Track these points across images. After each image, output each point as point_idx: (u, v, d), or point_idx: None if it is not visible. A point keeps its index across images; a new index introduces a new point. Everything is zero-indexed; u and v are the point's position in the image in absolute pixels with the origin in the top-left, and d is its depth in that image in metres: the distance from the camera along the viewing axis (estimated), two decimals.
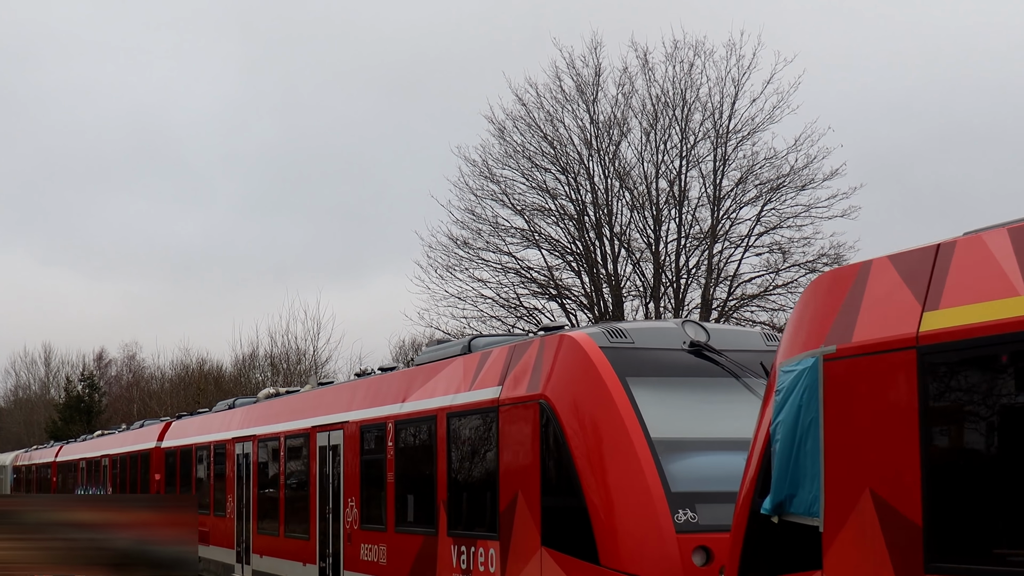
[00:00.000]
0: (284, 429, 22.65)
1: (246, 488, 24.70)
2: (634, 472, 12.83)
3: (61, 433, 75.47)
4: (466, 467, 15.88)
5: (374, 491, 18.47)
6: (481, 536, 15.11)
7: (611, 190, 39.58)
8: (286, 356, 61.62)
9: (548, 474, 13.72)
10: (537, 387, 14.07)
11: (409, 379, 17.96)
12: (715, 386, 13.80)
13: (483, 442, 15.41)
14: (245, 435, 24.94)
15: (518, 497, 14.23)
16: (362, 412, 19.10)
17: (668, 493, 12.71)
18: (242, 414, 26.02)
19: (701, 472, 13.10)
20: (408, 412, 17.40)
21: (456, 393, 16.12)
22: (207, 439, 27.96)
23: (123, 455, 35.83)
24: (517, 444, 14.35)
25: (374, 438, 18.63)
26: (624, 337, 13.98)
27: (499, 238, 40.29)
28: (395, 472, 17.67)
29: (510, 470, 14.46)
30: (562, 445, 13.43)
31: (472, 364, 16.11)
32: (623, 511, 12.74)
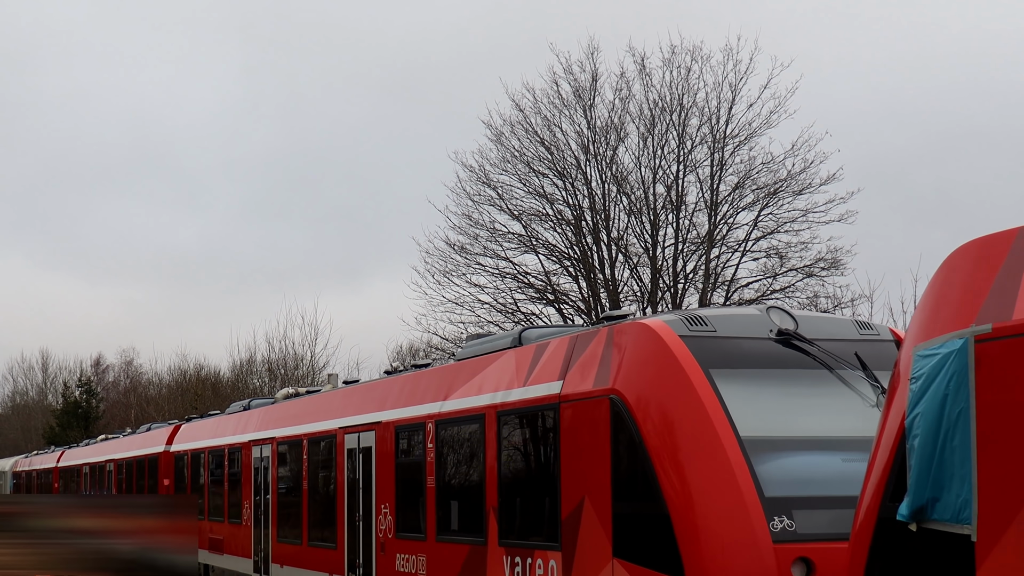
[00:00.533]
0: (307, 431, 21.25)
1: (265, 493, 23.29)
2: (723, 474, 11.45)
3: (59, 439, 75.11)
4: (520, 470, 14.49)
5: (412, 497, 17.08)
6: (539, 545, 13.72)
7: (608, 195, 39.63)
8: (283, 361, 61.86)
9: (621, 477, 12.34)
10: (607, 381, 12.69)
11: (451, 375, 16.57)
12: (806, 379, 12.43)
13: (541, 442, 14.03)
14: (263, 437, 23.53)
15: (584, 503, 12.84)
16: (397, 412, 17.71)
17: (762, 498, 11.34)
18: (259, 415, 24.62)
19: (796, 474, 11.72)
20: (451, 411, 16.01)
21: (508, 389, 14.73)
22: (221, 442, 26.55)
23: (129, 460, 34.40)
24: (583, 444, 12.97)
25: (411, 439, 17.24)
26: (704, 325, 12.60)
27: (496, 243, 40.34)
28: (436, 476, 16.27)
29: (574, 473, 13.07)
30: (638, 444, 12.04)
31: (525, 357, 14.72)
32: (712, 518, 11.36)
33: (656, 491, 11.73)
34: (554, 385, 13.66)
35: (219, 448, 26.60)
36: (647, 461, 11.89)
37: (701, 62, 38.87)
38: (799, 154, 37.88)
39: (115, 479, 35.93)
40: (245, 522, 24.45)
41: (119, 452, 36.14)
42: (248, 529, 24.25)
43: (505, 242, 40.31)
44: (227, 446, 25.97)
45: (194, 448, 28.67)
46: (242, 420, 25.76)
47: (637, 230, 39.66)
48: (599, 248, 39.80)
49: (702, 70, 38.84)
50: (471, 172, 40.71)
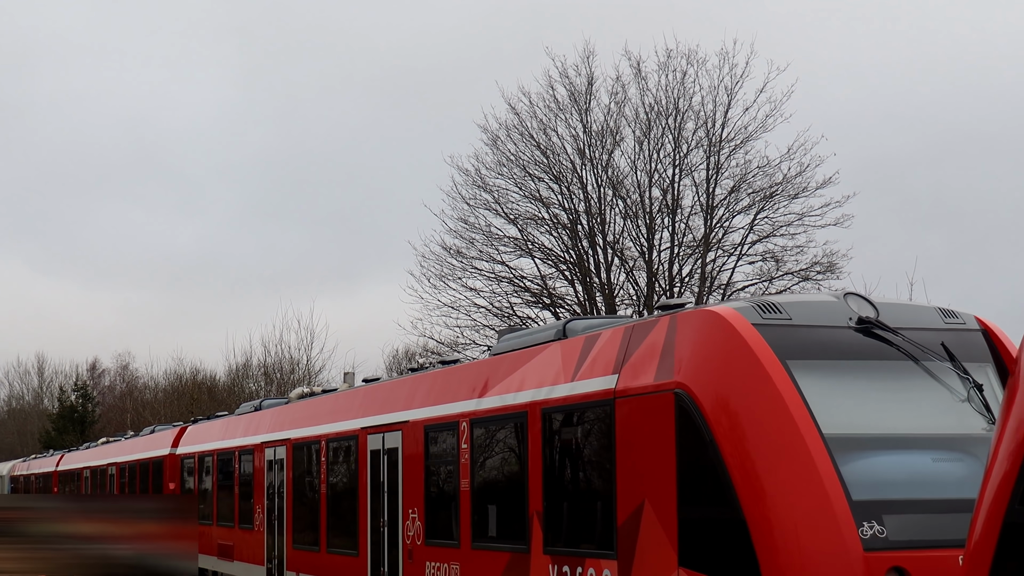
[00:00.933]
0: (326, 431, 20.18)
1: (279, 498, 22.21)
2: (807, 475, 10.39)
3: (55, 443, 74.61)
4: (568, 471, 13.42)
5: (443, 501, 16.01)
6: (591, 553, 12.65)
7: (604, 199, 39.57)
8: (279, 365, 61.48)
9: (688, 478, 11.27)
10: (670, 373, 11.62)
11: (487, 371, 15.50)
12: (890, 371, 11.37)
13: (593, 441, 12.96)
14: (277, 439, 22.45)
15: (644, 507, 11.78)
16: (426, 410, 16.65)
17: (850, 502, 10.28)
18: (272, 416, 23.53)
19: (885, 476, 10.67)
20: (488, 409, 14.94)
21: (553, 385, 13.66)
22: (230, 444, 25.47)
23: (132, 463, 33.31)
24: (642, 443, 11.91)
25: (443, 439, 16.18)
26: (779, 312, 11.54)
27: (492, 247, 40.22)
28: (471, 478, 15.20)
29: (632, 474, 12.01)
30: (708, 443, 10.98)
31: (573, 350, 13.66)
32: (794, 524, 10.30)
33: (730, 494, 10.67)
34: (608, 379, 12.59)
35: (229, 450, 25.52)
36: (719, 461, 10.83)
37: (697, 66, 38.84)
38: (795, 158, 37.76)
39: (117, 483, 34.82)
40: (257, 527, 23.37)
41: (122, 455, 35.04)
42: (261, 535, 23.16)
43: (501, 246, 40.28)
44: (237, 448, 24.89)
45: (202, 451, 27.58)
46: (253, 421, 24.68)
47: (633, 234, 39.64)
48: (595, 252, 39.70)
49: (698, 74, 38.84)
50: (467, 176, 40.63)
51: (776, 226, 38.26)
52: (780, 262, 38.19)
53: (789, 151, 37.72)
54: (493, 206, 40.17)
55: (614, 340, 12.89)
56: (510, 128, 40.12)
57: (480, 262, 40.24)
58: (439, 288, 40.26)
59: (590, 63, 39.71)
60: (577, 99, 39.71)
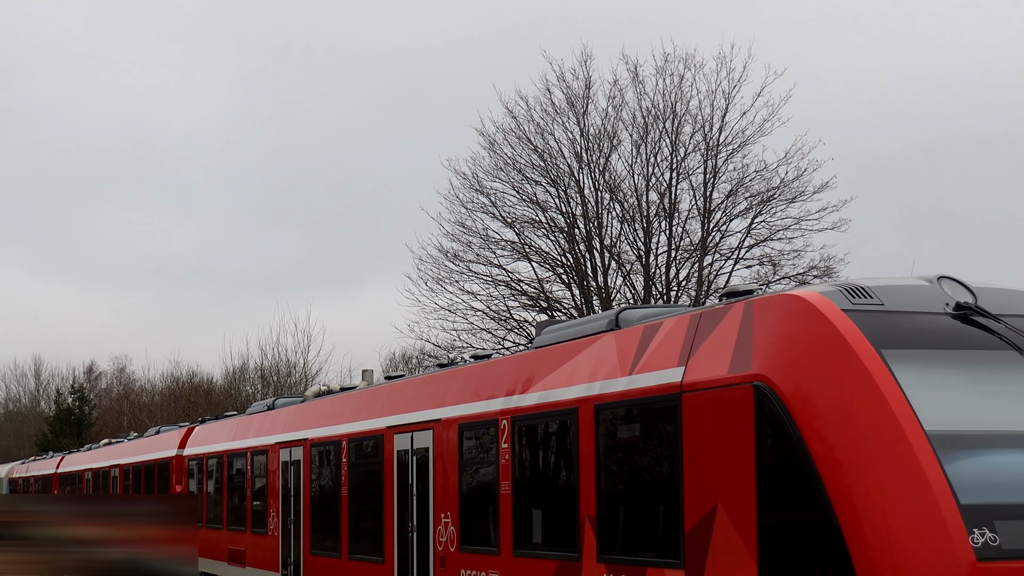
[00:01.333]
0: (347, 431, 19.10)
1: (295, 501, 21.12)
2: (911, 477, 9.33)
3: (51, 446, 73.74)
4: (626, 472, 12.36)
5: (481, 504, 14.94)
6: (654, 562, 11.59)
7: (601, 203, 39.52)
8: (276, 369, 61.32)
9: (770, 480, 10.21)
10: (747, 365, 10.56)
11: (529, 365, 14.44)
12: (993, 361, 10.31)
13: (655, 439, 11.90)
14: (294, 439, 21.36)
15: (717, 511, 10.72)
16: (461, 408, 15.57)
17: (959, 506, 9.21)
18: (288, 415, 22.44)
19: (996, 477, 9.61)
20: (532, 405, 13.87)
21: (608, 379, 12.59)
22: (242, 445, 24.38)
23: (137, 465, 32.21)
24: (715, 441, 10.84)
25: (479, 439, 15.11)
26: (870, 297, 10.49)
27: (489, 251, 40.16)
28: (513, 480, 14.13)
29: (703, 476, 10.95)
30: (795, 440, 9.91)
31: (630, 342, 12.59)
32: (897, 531, 9.23)
33: (821, 497, 9.61)
34: (673, 372, 11.53)
35: (240, 451, 24.44)
36: (807, 460, 9.76)
37: (694, 70, 38.77)
38: (792, 162, 37.71)
39: (121, 485, 33.72)
40: (271, 532, 22.27)
41: (125, 457, 33.94)
42: (275, 540, 22.06)
43: (498, 249, 40.21)
44: (250, 449, 23.80)
45: (211, 451, 26.49)
46: (267, 421, 23.60)
47: (630, 237, 39.53)
48: (592, 255, 39.61)
49: (695, 78, 38.75)
50: (464, 179, 40.54)
51: (773, 230, 38.32)
52: (777, 266, 38.13)
53: (786, 155, 37.72)
54: (490, 209, 40.16)
55: (678, 329, 11.84)
56: (507, 132, 40.11)
57: (477, 265, 40.22)
58: (436, 291, 40.30)
59: (587, 67, 39.70)
60: (574, 103, 39.70)
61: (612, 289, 39.43)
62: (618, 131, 39.28)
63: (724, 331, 11.10)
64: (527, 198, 39.96)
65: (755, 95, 38.15)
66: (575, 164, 39.56)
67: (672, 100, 38.71)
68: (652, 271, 38.90)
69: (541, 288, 39.85)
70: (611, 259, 39.43)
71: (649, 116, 38.90)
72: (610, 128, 39.31)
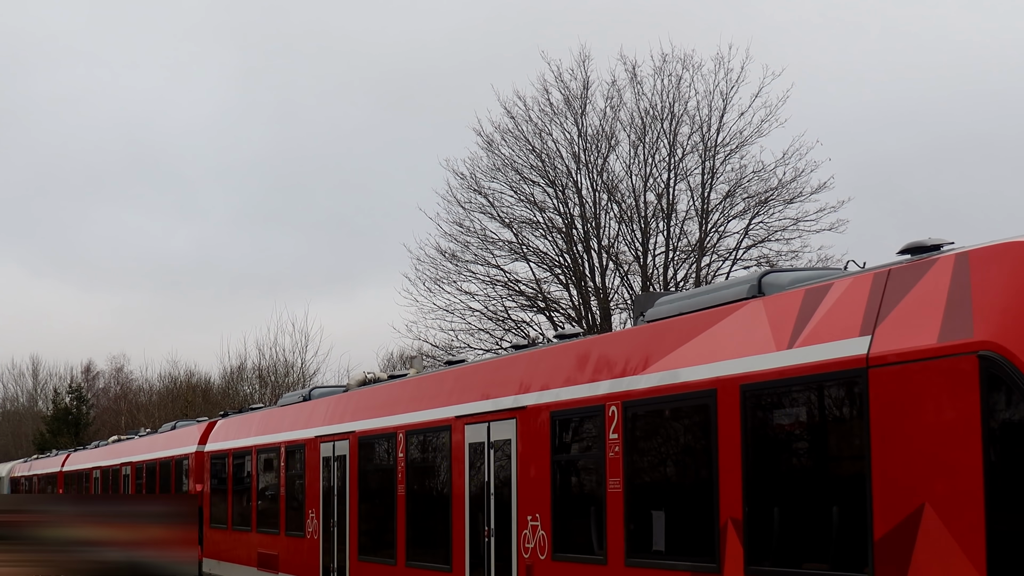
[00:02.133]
0: (405, 422, 16.99)
1: (340, 500, 18.99)
2: None
3: (49, 445, 72.94)
4: (784, 466, 10.26)
5: (580, 505, 12.83)
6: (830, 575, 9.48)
7: (599, 203, 39.54)
8: (274, 368, 61.25)
9: (1005, 474, 8.11)
10: (968, 330, 8.46)
11: (644, 341, 12.32)
12: None
13: (828, 424, 9.80)
14: (338, 432, 19.24)
15: (923, 513, 8.62)
16: (554, 393, 13.47)
17: None
18: (329, 406, 20.32)
19: None
20: (652, 388, 11.76)
21: (758, 354, 10.49)
22: (274, 439, 22.27)
23: (151, 462, 30.08)
24: (919, 426, 8.74)
25: (579, 427, 13.02)
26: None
27: (487, 251, 40.14)
28: (625, 476, 12.02)
29: (900, 469, 8.85)
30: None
31: (786, 309, 10.48)
32: None
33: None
34: (855, 343, 9.42)
35: (271, 446, 22.32)
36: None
37: (692, 70, 38.73)
38: (790, 163, 37.64)
39: (133, 484, 31.59)
40: (311, 535, 20.14)
41: (138, 454, 31.81)
42: (315, 544, 19.94)
43: (496, 250, 40.17)
44: (283, 444, 21.68)
45: (237, 447, 24.37)
46: (303, 413, 21.48)
47: (628, 238, 39.50)
48: (590, 256, 39.55)
49: (693, 78, 38.70)
50: (462, 179, 40.50)
51: (771, 231, 38.28)
52: (775, 267, 37.00)
53: (784, 156, 37.59)
54: (488, 210, 40.09)
55: (857, 292, 9.73)
56: (505, 132, 40.03)
57: (475, 265, 40.19)
58: (434, 291, 40.25)
59: (585, 67, 39.59)
60: (572, 103, 39.66)
61: (610, 290, 39.37)
62: (616, 132, 39.33)
63: (926, 291, 9.00)
64: (525, 198, 39.96)
65: (753, 96, 38.10)
66: (573, 164, 39.52)
67: (670, 101, 38.76)
68: (650, 272, 38.87)
69: (539, 288, 39.81)
70: (609, 259, 39.44)
71: (647, 117, 38.89)
72: (608, 128, 39.34)
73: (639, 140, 38.92)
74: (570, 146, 39.65)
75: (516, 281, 39.88)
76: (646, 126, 38.84)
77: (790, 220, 37.92)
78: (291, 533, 21.05)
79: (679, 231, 38.90)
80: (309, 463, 20.36)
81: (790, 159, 37.53)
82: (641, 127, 38.89)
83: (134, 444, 33.22)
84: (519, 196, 39.92)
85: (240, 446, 24.14)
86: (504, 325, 39.64)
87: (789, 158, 37.53)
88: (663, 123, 38.69)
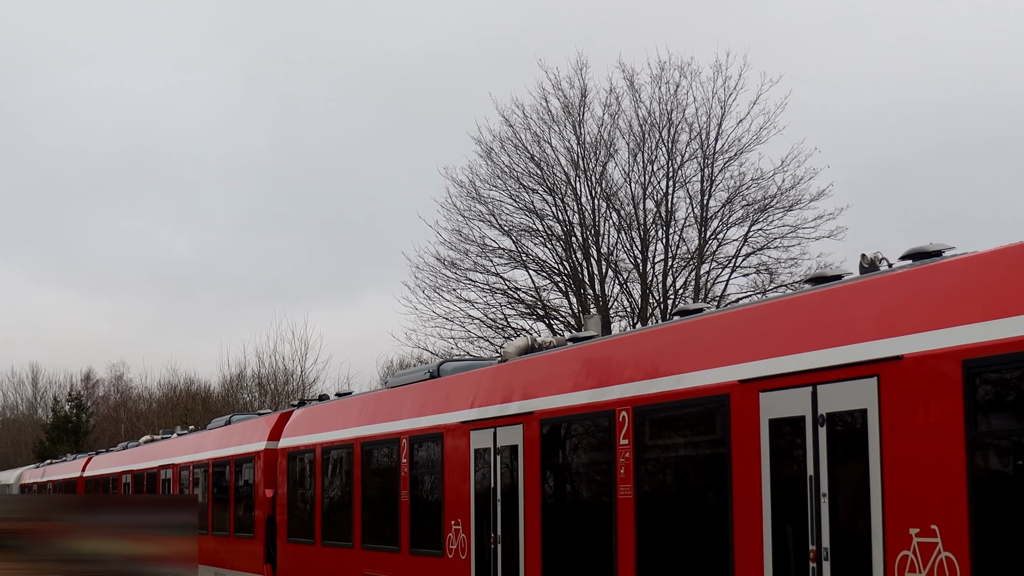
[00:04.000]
0: (631, 394, 11.85)
1: (508, 508, 13.85)
2: None
3: (48, 453, 72.01)
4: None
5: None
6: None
7: (598, 211, 39.61)
8: (273, 376, 60.92)
9: None
10: None
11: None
12: None
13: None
14: (505, 415, 14.10)
15: None
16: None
17: None
18: (479, 382, 15.18)
19: None
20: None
21: None
22: (390, 429, 17.13)
23: (202, 463, 24.92)
24: None
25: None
26: None
27: (486, 259, 40.19)
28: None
29: None
30: None
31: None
32: None
33: None
34: None
35: (385, 438, 17.18)
36: None
37: (690, 78, 38.71)
38: (789, 170, 37.59)
39: (177, 490, 26.42)
40: (455, 555, 14.97)
41: (183, 455, 26.63)
42: (463, 566, 14.76)
43: (495, 257, 40.18)
44: (405, 434, 16.53)
45: (328, 441, 19.19)
46: (433, 393, 16.35)
47: (627, 245, 39.49)
48: (589, 264, 39.59)
49: (691, 86, 38.67)
50: (461, 187, 40.50)
51: (770, 238, 38.20)
52: (774, 274, 37.95)
53: (783, 163, 37.51)
54: (487, 217, 40.10)
55: None
56: (504, 140, 40.04)
57: (474, 273, 40.18)
58: (433, 299, 40.21)
59: (583, 75, 39.66)
60: (571, 111, 39.62)
61: (609, 297, 39.44)
62: (615, 139, 39.25)
63: None
64: (524, 206, 39.92)
65: (751, 103, 37.99)
66: (572, 172, 39.55)
67: (668, 108, 38.74)
68: (649, 279, 38.94)
69: (538, 296, 39.84)
70: (608, 267, 39.42)
71: (645, 124, 38.81)
72: (607, 136, 39.28)
73: (638, 148, 39.00)
74: (569, 154, 39.65)
75: (515, 289, 39.98)
76: (645, 134, 38.92)
77: (789, 227, 37.86)
78: (421, 551, 15.89)
79: (678, 238, 39.09)
80: (450, 459, 15.22)
81: (789, 166, 37.46)
82: (640, 135, 38.96)
83: (176, 444, 28.07)
84: (518, 204, 40.06)
85: (334, 440, 18.97)
86: (504, 333, 39.59)
87: (788, 165, 37.46)
88: (661, 131, 38.83)
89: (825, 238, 37.55)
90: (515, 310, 40.08)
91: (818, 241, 37.67)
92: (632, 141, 39.16)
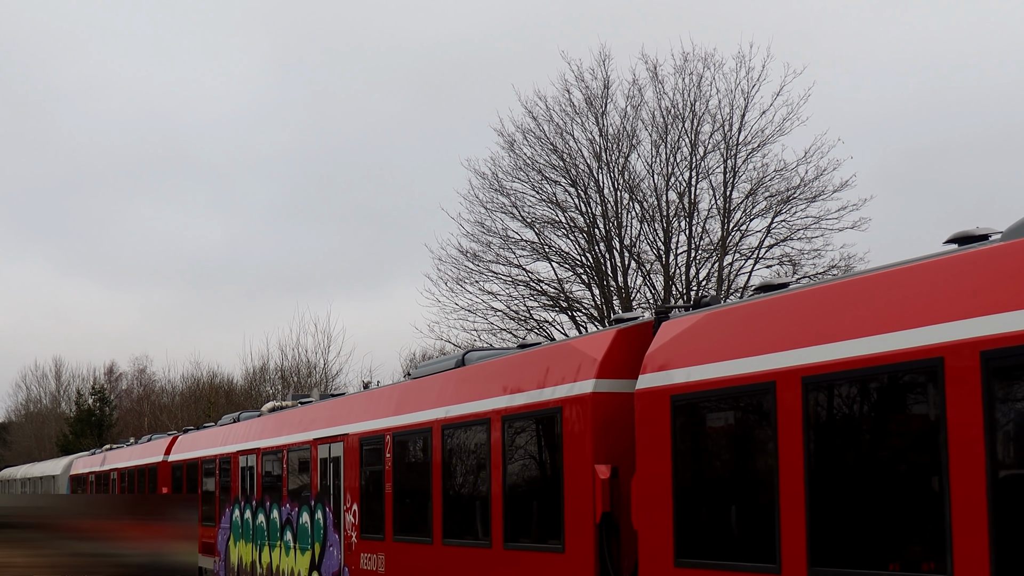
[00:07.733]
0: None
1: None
2: None
3: (72, 447, 72.07)
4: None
5: None
6: None
7: (621, 202, 39.82)
8: (296, 369, 61.32)
9: None
10: None
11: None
12: None
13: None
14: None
15: None
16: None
17: None
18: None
19: None
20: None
21: None
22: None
23: (403, 431, 16.82)
24: None
25: None
26: None
27: (509, 251, 40.54)
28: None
29: None
30: None
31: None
32: None
33: None
34: None
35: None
36: None
37: (713, 69, 38.88)
38: (812, 161, 37.69)
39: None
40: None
41: (357, 421, 18.79)
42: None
43: (518, 249, 40.50)
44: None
45: (403, 425, 17.06)
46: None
47: (650, 237, 39.73)
48: (611, 255, 39.84)
49: (714, 77, 38.84)
50: (484, 179, 40.77)
51: (793, 229, 38.30)
52: (797, 266, 38.06)
53: (806, 154, 37.65)
54: (510, 209, 40.41)
55: None
56: (526, 132, 40.32)
57: (497, 265, 40.50)
58: (456, 292, 40.47)
59: (606, 66, 39.82)
60: (593, 102, 39.85)
61: (632, 289, 39.63)
62: (637, 130, 39.44)
63: None
64: (546, 198, 40.17)
65: (774, 94, 38.20)
66: (594, 164, 39.72)
67: (691, 99, 38.91)
68: (672, 271, 39.12)
69: (561, 288, 40.06)
70: (631, 259, 39.64)
71: (668, 115, 39.03)
72: (629, 128, 39.48)
73: (660, 139, 39.21)
74: (591, 145, 39.80)
75: (538, 281, 40.22)
76: (667, 125, 39.10)
77: (812, 218, 37.91)
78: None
79: (701, 230, 39.24)
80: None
81: (812, 157, 37.52)
82: (663, 126, 39.16)
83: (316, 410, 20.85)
84: (541, 196, 40.29)
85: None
86: (527, 325, 39.99)
87: (811, 156, 37.52)
88: (684, 122, 38.98)
89: (848, 229, 37.63)
90: (538, 302, 40.44)
91: (842, 232, 37.86)
92: (655, 132, 39.42)
